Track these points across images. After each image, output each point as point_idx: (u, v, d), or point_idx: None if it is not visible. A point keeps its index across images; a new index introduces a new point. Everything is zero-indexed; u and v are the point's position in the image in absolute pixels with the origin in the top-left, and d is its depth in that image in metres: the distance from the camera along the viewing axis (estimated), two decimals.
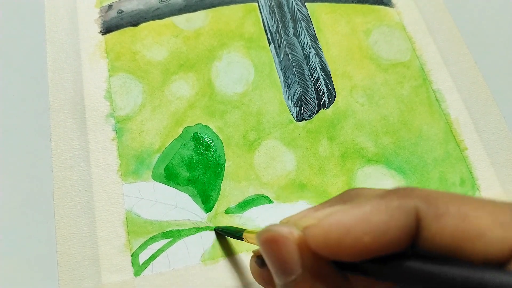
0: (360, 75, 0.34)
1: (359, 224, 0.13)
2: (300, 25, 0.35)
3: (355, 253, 0.14)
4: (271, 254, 0.15)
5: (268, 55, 0.34)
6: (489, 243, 0.13)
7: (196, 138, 0.31)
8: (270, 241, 0.15)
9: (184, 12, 0.35)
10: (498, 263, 0.13)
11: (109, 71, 0.33)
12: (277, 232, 0.15)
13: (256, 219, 0.29)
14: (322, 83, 0.33)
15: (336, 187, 0.30)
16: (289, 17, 0.36)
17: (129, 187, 0.29)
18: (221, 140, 0.31)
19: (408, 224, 0.13)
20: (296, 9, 0.36)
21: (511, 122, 0.32)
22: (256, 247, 0.21)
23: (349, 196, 0.17)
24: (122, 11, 0.35)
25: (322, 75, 0.33)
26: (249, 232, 0.22)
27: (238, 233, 0.23)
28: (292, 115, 0.32)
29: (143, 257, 0.27)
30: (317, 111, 0.32)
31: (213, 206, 0.29)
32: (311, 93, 0.33)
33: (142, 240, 0.28)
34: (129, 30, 0.34)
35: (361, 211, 0.14)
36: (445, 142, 0.32)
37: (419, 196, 0.14)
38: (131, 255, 0.27)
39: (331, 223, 0.14)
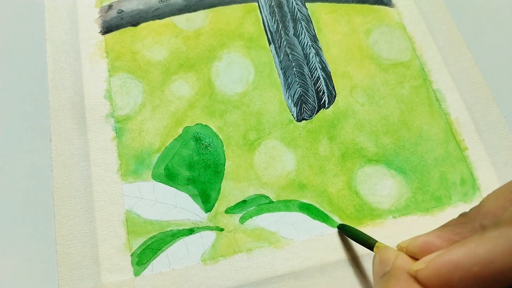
0: (360, 75, 0.34)
1: (467, 258, 0.15)
2: (300, 25, 0.35)
3: (469, 285, 0.15)
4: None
5: (268, 55, 0.34)
6: None
7: (196, 138, 0.31)
8: (381, 263, 0.19)
9: (184, 12, 0.35)
10: None
11: (109, 71, 0.33)
12: (386, 257, 0.19)
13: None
14: (322, 83, 0.33)
15: (336, 187, 0.30)
16: (289, 17, 0.36)
17: (129, 187, 0.29)
18: (221, 140, 0.31)
19: None
20: (296, 9, 0.36)
21: None
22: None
23: (468, 219, 0.19)
24: (122, 11, 0.35)
25: (322, 75, 0.33)
26: (381, 248, 0.22)
27: (369, 242, 0.24)
28: (292, 115, 0.32)
29: (143, 257, 0.27)
30: (317, 111, 0.32)
31: (213, 206, 0.29)
32: (311, 93, 0.33)
33: (142, 240, 0.28)
34: (129, 30, 0.34)
35: (468, 247, 0.15)
36: (446, 142, 0.32)
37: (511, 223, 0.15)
38: (131, 255, 0.27)
39: (440, 263, 0.16)
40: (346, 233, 0.28)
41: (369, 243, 0.24)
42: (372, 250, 0.24)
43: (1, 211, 0.28)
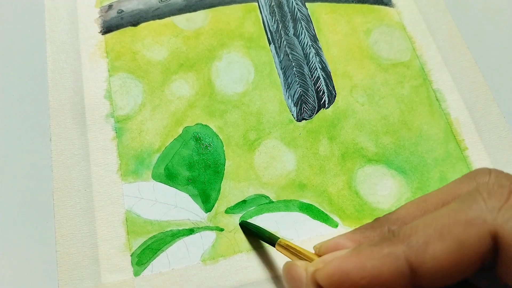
0: (360, 75, 0.34)
1: (356, 270, 0.16)
2: (300, 25, 0.35)
3: None
4: (291, 284, 0.20)
5: (268, 55, 0.34)
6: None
7: (196, 138, 0.31)
8: (290, 275, 0.20)
9: (184, 12, 0.35)
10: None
11: (109, 71, 0.33)
12: (295, 270, 0.20)
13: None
14: (322, 83, 0.33)
15: (336, 187, 0.30)
16: (289, 17, 0.36)
17: (129, 186, 0.29)
18: (221, 140, 0.31)
19: (399, 268, 0.16)
20: (296, 9, 0.36)
21: None
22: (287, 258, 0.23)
23: (379, 224, 0.20)
24: (122, 11, 0.35)
25: (322, 74, 0.33)
26: (284, 244, 0.23)
27: (271, 239, 0.25)
28: (292, 114, 0.32)
29: (143, 257, 0.27)
30: (317, 111, 0.32)
31: (213, 206, 0.29)
32: (311, 92, 0.33)
33: (142, 240, 0.28)
34: (129, 30, 0.34)
35: (358, 259, 0.17)
36: (446, 141, 0.32)
37: (402, 240, 0.16)
38: (131, 255, 0.27)
39: (334, 268, 0.17)
40: (249, 230, 0.28)
41: (271, 240, 0.25)
42: (274, 247, 0.24)
43: (1, 211, 0.28)
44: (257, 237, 0.27)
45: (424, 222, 0.16)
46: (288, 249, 0.23)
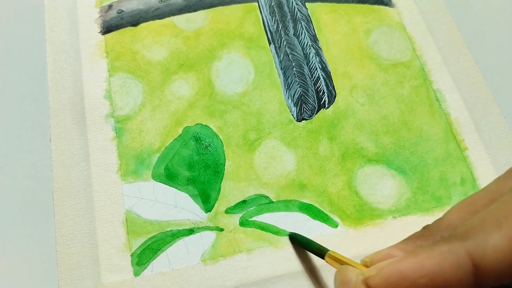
0: (360, 75, 0.34)
1: (415, 269, 0.16)
2: (300, 25, 0.35)
3: None
4: None
5: (268, 55, 0.34)
6: None
7: (196, 138, 0.31)
8: (340, 279, 0.19)
9: (184, 12, 0.35)
10: None
11: (109, 71, 0.33)
12: (346, 274, 0.19)
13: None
14: (322, 83, 0.33)
15: (336, 187, 0.30)
16: (289, 17, 0.36)
17: (129, 187, 0.29)
18: (221, 140, 0.31)
19: (461, 263, 0.15)
20: (296, 9, 0.36)
21: None
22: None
23: (430, 232, 0.19)
24: (122, 11, 0.35)
25: (322, 75, 0.33)
26: (333, 256, 0.23)
27: (320, 251, 0.24)
28: (292, 115, 0.32)
29: (143, 257, 0.27)
30: (317, 111, 0.32)
31: (213, 206, 0.29)
32: (311, 93, 0.33)
33: (142, 240, 0.28)
34: (129, 30, 0.34)
35: (416, 259, 0.16)
36: (446, 142, 0.32)
37: (461, 236, 0.16)
38: (131, 255, 0.27)
39: (389, 271, 0.16)
40: (298, 242, 0.28)
41: (320, 252, 0.24)
42: (324, 259, 0.24)
43: (1, 211, 0.28)
44: (305, 249, 0.27)
45: (479, 218, 0.16)
46: (337, 261, 0.23)
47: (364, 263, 0.20)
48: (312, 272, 0.27)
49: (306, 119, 0.32)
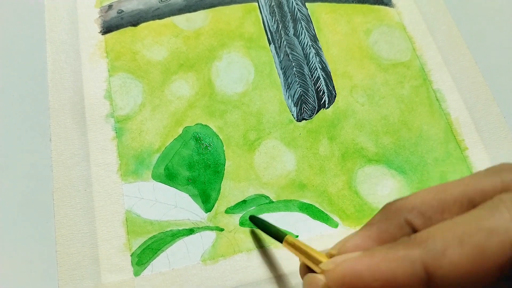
0: (360, 75, 0.34)
1: (370, 272, 0.16)
2: (300, 25, 0.35)
3: None
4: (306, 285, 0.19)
5: (268, 55, 0.34)
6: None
7: (196, 138, 0.31)
8: (305, 278, 0.19)
9: (184, 12, 0.35)
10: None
11: (109, 71, 0.33)
12: (309, 278, 0.19)
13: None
14: (322, 83, 0.33)
15: (336, 187, 0.30)
16: (289, 17, 0.36)
17: (129, 186, 0.29)
18: (221, 140, 0.31)
19: (415, 271, 0.15)
20: (296, 9, 0.36)
21: None
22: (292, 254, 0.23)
23: (393, 214, 0.19)
24: (122, 11, 0.35)
25: (322, 75, 0.33)
26: (291, 242, 0.23)
27: (278, 235, 0.24)
28: (292, 115, 0.32)
29: (143, 257, 0.27)
30: (317, 111, 0.32)
31: (213, 206, 0.29)
32: (311, 93, 0.33)
33: (142, 240, 0.28)
34: (129, 30, 0.34)
35: (372, 260, 0.16)
36: (446, 142, 0.32)
37: (419, 244, 0.16)
38: (131, 255, 0.27)
39: (345, 269, 0.17)
40: (258, 225, 0.27)
41: (279, 236, 0.24)
42: (282, 243, 0.23)
43: (1, 211, 0.28)
44: (264, 232, 0.26)
45: (443, 227, 0.16)
46: (294, 246, 0.22)
47: (329, 255, 0.20)
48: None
49: (306, 119, 0.32)
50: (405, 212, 0.18)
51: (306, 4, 0.36)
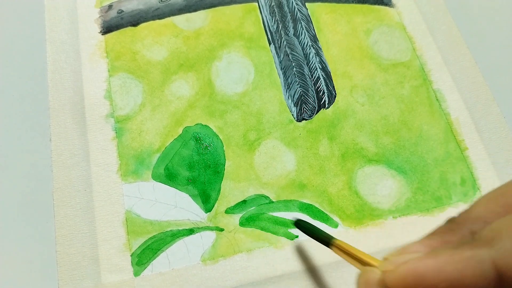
0: (360, 75, 0.34)
1: (434, 272, 0.15)
2: (300, 25, 0.35)
3: None
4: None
5: (268, 55, 0.34)
6: None
7: (196, 138, 0.31)
8: (360, 278, 0.19)
9: (184, 12, 0.35)
10: None
11: (109, 71, 0.33)
12: (364, 274, 0.18)
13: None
14: (322, 83, 0.33)
15: (336, 187, 0.30)
16: (289, 17, 0.36)
17: (129, 187, 0.29)
18: (221, 140, 0.31)
19: (484, 272, 0.15)
20: (296, 9, 0.36)
21: None
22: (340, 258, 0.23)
23: (458, 225, 0.18)
24: (122, 11, 0.35)
25: (322, 75, 0.33)
26: (339, 245, 0.22)
27: (327, 239, 0.24)
28: (292, 115, 0.32)
29: (143, 257, 0.27)
30: (317, 111, 0.32)
31: (213, 206, 0.29)
32: (311, 93, 0.33)
33: (142, 240, 0.28)
34: (129, 30, 0.34)
35: (437, 261, 0.15)
36: (446, 142, 0.32)
37: (486, 243, 0.15)
38: (131, 255, 0.27)
39: (407, 270, 0.16)
40: (303, 229, 0.27)
41: (326, 240, 0.24)
42: (328, 247, 0.23)
43: (1, 211, 0.28)
44: (310, 236, 0.26)
45: (508, 223, 0.15)
46: (343, 250, 0.22)
47: (385, 260, 0.19)
48: (312, 272, 0.27)
49: (306, 119, 0.32)
50: (469, 223, 0.18)
51: (306, 4, 0.36)
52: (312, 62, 0.34)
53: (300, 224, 0.27)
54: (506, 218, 0.16)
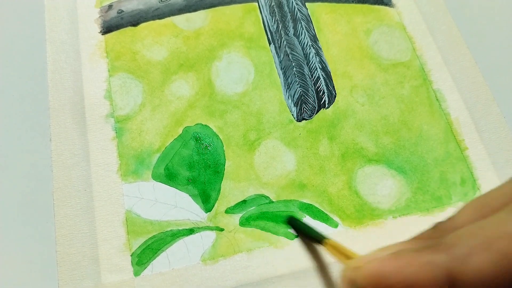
0: (360, 75, 0.34)
1: (394, 273, 0.16)
2: (300, 25, 0.35)
3: None
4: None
5: (268, 55, 0.34)
6: None
7: (196, 138, 0.31)
8: (341, 274, 0.19)
9: (184, 12, 0.35)
10: None
11: (109, 71, 0.33)
12: (343, 270, 0.19)
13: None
14: (322, 83, 0.33)
15: (336, 187, 0.30)
16: (289, 17, 0.36)
17: (129, 186, 0.29)
18: (221, 140, 0.31)
19: (437, 277, 0.15)
20: (296, 9, 0.36)
21: None
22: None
23: (439, 233, 0.19)
24: (122, 11, 0.35)
25: (322, 75, 0.33)
26: (331, 244, 0.23)
27: (319, 238, 0.24)
28: (292, 115, 0.32)
29: (143, 257, 0.27)
30: (317, 111, 0.32)
31: (213, 206, 0.29)
32: (311, 93, 0.33)
33: (142, 240, 0.28)
34: (129, 30, 0.34)
35: (397, 263, 0.16)
36: (446, 142, 0.32)
37: (445, 249, 0.16)
38: (131, 255, 0.27)
39: (373, 268, 0.17)
40: (296, 228, 0.27)
41: (318, 239, 0.24)
42: (322, 245, 0.24)
43: (1, 211, 0.28)
44: (303, 235, 0.27)
45: (469, 232, 0.16)
46: (336, 249, 0.23)
47: None
48: (312, 272, 0.27)
49: (306, 119, 0.32)
50: (448, 231, 0.18)
51: (306, 4, 0.36)
52: (312, 62, 0.34)
53: (292, 223, 0.27)
54: (472, 225, 0.16)
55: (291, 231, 0.28)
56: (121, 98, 0.32)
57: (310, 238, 0.26)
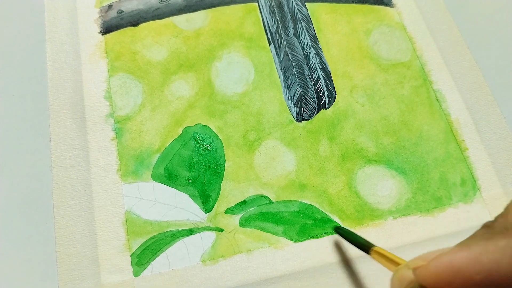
0: (360, 75, 0.34)
1: (470, 265, 0.15)
2: (300, 25, 0.35)
3: None
4: None
5: (268, 55, 0.34)
6: None
7: (196, 138, 0.31)
8: (393, 277, 0.18)
9: (184, 12, 0.35)
10: None
11: (108, 71, 0.32)
12: (397, 272, 0.18)
13: None
14: (322, 83, 0.33)
15: (336, 187, 0.30)
16: (289, 17, 0.36)
17: (129, 187, 0.29)
18: (221, 140, 0.31)
19: None
20: (296, 9, 0.36)
21: None
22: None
23: (493, 229, 0.18)
24: (122, 11, 0.35)
25: (322, 75, 0.33)
26: (378, 252, 0.23)
27: (365, 246, 0.24)
28: (292, 115, 0.32)
29: (142, 257, 0.27)
30: (317, 111, 0.32)
31: (213, 206, 0.29)
32: (311, 93, 0.33)
33: (141, 240, 0.28)
34: (129, 30, 0.34)
35: (471, 253, 0.15)
36: (446, 142, 0.32)
37: None
38: (131, 256, 0.27)
39: (441, 264, 0.15)
40: (343, 235, 0.27)
41: (365, 246, 0.24)
42: (368, 254, 0.24)
43: (1, 211, 0.28)
44: (350, 243, 0.26)
45: None
46: (382, 257, 0.22)
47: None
48: (312, 272, 0.27)
49: (306, 120, 0.32)
50: (507, 226, 0.17)
51: (306, 4, 0.36)
52: (312, 62, 0.34)
53: (339, 231, 0.27)
54: None
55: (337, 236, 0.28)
56: (121, 98, 0.32)
57: (357, 246, 0.25)
